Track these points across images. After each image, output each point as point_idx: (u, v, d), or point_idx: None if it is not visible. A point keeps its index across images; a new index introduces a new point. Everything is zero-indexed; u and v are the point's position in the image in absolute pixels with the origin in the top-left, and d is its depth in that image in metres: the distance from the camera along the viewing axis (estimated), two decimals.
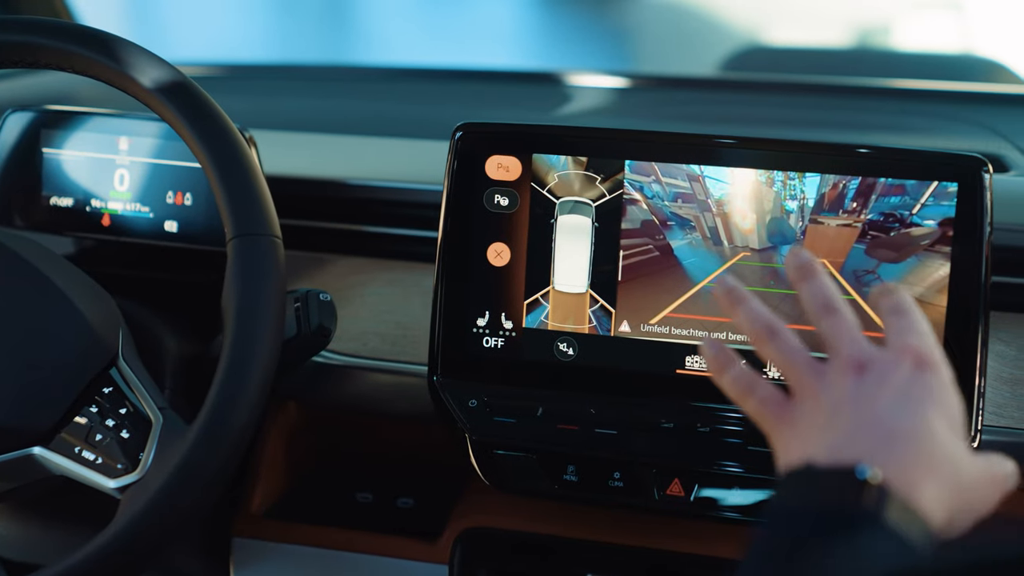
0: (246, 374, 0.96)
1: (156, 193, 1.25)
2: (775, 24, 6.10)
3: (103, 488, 1.00)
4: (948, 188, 1.02)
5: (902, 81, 1.91)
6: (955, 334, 1.02)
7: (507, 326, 1.11)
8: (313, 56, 6.42)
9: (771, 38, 6.05)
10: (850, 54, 2.55)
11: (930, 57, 2.62)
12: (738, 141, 1.06)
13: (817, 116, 1.73)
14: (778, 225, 1.05)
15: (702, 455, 1.07)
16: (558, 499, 1.13)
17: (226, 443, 0.95)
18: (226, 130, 1.01)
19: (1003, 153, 1.43)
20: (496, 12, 7.34)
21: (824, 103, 1.81)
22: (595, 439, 1.08)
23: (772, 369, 1.05)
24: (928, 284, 1.02)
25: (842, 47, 5.32)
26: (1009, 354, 1.12)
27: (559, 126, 1.11)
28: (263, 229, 1.00)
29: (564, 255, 1.09)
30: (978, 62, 2.20)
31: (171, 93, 1.02)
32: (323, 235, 1.33)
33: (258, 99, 1.82)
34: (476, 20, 7.12)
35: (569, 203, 1.09)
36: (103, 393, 1.02)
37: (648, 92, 1.98)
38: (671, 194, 1.07)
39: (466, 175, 1.10)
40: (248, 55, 5.96)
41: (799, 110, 1.77)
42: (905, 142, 1.51)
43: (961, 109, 1.73)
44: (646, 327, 1.08)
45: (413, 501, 1.31)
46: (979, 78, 2.02)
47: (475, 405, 1.11)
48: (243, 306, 0.97)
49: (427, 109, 1.77)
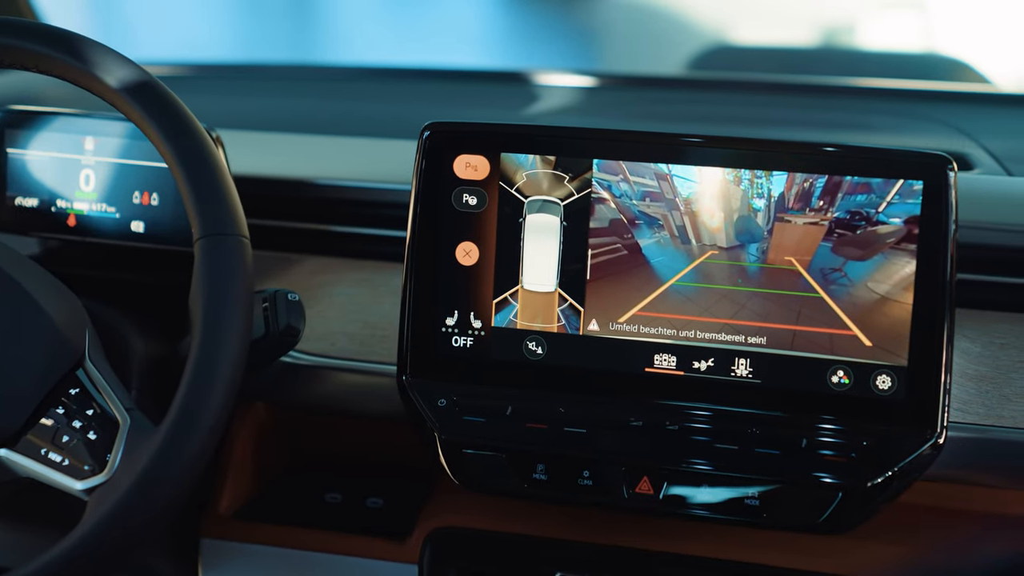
0: (214, 375, 0.95)
1: (122, 193, 1.24)
2: (741, 23, 6.13)
3: (70, 490, 0.99)
4: (914, 186, 1.02)
5: (867, 80, 1.93)
6: (921, 331, 1.02)
7: (476, 325, 1.11)
8: (280, 56, 6.40)
9: (737, 37, 6.07)
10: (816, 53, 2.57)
11: (895, 56, 2.63)
12: (706, 140, 1.07)
13: (783, 115, 1.74)
14: (746, 223, 1.06)
15: (671, 453, 1.07)
16: (528, 498, 1.12)
17: (194, 444, 0.94)
18: (193, 130, 1.01)
19: (967, 151, 1.45)
20: (463, 12, 7.34)
21: (790, 102, 1.82)
22: (564, 438, 1.09)
23: (740, 368, 1.06)
24: (894, 282, 1.03)
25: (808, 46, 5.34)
26: (974, 351, 1.13)
27: (527, 125, 1.11)
28: (231, 229, 0.99)
29: (533, 254, 1.09)
30: (942, 61, 2.21)
31: (137, 93, 1.01)
32: (291, 235, 1.33)
33: (225, 99, 1.81)
34: (443, 20, 7.11)
35: (537, 202, 1.09)
36: (70, 394, 1.02)
37: (615, 91, 1.99)
38: (639, 193, 1.07)
39: (434, 174, 1.10)
40: (214, 55, 5.93)
41: (765, 109, 1.78)
42: (871, 140, 1.52)
43: (926, 108, 1.74)
44: (615, 326, 1.08)
45: (382, 501, 1.31)
46: (943, 77, 2.03)
47: (444, 405, 1.11)
48: (211, 306, 0.96)
49: (395, 108, 1.77)
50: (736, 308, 1.06)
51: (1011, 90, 2.20)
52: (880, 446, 1.03)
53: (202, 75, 2.09)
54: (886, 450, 1.03)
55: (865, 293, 1.03)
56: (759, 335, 1.06)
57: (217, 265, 0.97)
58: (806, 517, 1.04)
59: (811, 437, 1.05)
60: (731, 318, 1.06)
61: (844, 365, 1.04)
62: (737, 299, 1.06)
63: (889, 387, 1.04)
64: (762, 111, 1.76)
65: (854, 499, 1.03)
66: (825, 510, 1.04)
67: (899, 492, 1.04)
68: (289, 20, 7.26)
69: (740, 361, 1.07)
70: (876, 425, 1.04)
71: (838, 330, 1.04)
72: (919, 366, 1.03)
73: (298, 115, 1.73)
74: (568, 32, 6.96)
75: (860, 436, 1.04)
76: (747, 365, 1.06)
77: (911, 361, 1.03)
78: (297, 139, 1.48)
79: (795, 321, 1.05)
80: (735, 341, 1.06)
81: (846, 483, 1.03)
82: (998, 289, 1.18)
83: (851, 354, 1.04)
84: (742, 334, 1.06)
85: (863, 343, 1.04)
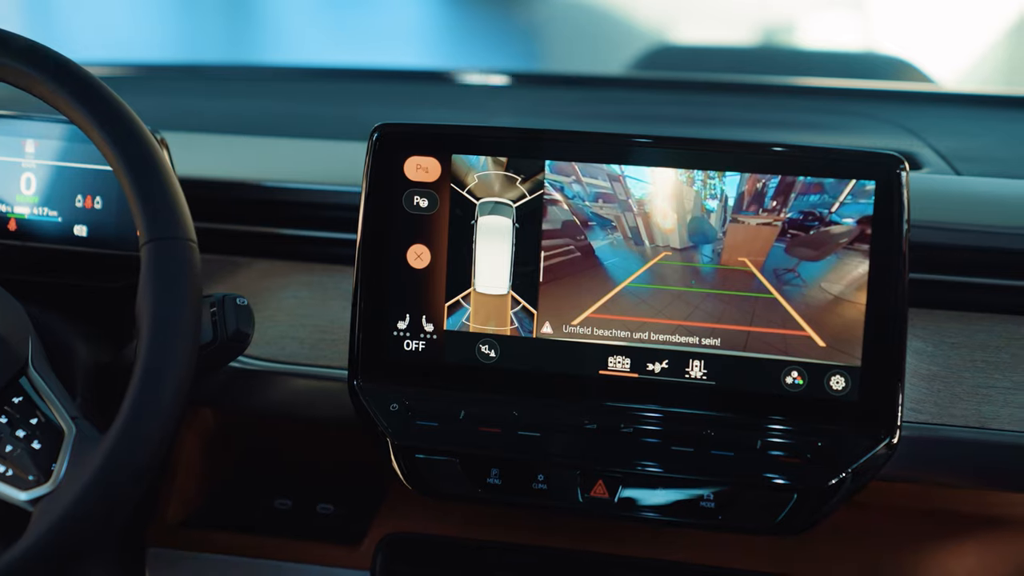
0: (161, 381, 0.93)
1: (65, 197, 1.22)
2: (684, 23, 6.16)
3: (13, 501, 0.97)
4: (866, 186, 1.02)
5: (815, 80, 1.94)
6: (874, 331, 1.03)
7: (428, 329, 1.10)
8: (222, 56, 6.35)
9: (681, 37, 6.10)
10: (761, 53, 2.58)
11: (840, 56, 2.65)
12: (658, 141, 1.06)
13: (732, 114, 1.74)
14: (699, 224, 1.05)
15: (625, 456, 1.06)
16: (481, 503, 1.12)
17: (142, 453, 0.92)
18: (137, 132, 0.99)
19: (916, 151, 1.46)
20: (408, 12, 7.32)
21: (739, 102, 1.82)
22: (518, 442, 1.08)
23: (694, 370, 1.06)
24: (847, 282, 1.03)
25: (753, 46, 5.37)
26: (927, 351, 1.14)
27: (478, 126, 1.10)
28: (177, 232, 0.97)
29: (485, 256, 1.08)
30: (887, 61, 2.23)
31: (79, 94, 0.99)
32: (239, 238, 1.31)
33: (170, 100, 1.79)
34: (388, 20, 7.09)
35: (489, 204, 1.08)
36: (12, 403, 1.00)
37: (560, 91, 1.98)
38: (592, 194, 1.07)
39: (384, 176, 1.09)
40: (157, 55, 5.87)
41: (713, 108, 1.78)
42: (819, 140, 1.53)
43: (873, 107, 1.75)
44: (568, 328, 1.08)
45: (333, 507, 1.30)
46: (888, 77, 2.05)
47: (396, 409, 1.09)
48: (157, 312, 0.95)
49: (343, 109, 1.76)
50: (690, 309, 1.06)
51: (955, 89, 2.22)
52: (834, 447, 1.03)
53: (145, 76, 2.06)
54: (841, 451, 1.03)
55: (818, 293, 1.03)
56: (713, 336, 1.06)
57: (164, 269, 0.96)
58: (762, 519, 1.04)
59: (765, 438, 1.05)
60: (685, 319, 1.06)
61: (798, 366, 1.04)
62: (691, 300, 1.06)
63: (843, 388, 1.04)
64: (710, 111, 1.77)
65: (809, 500, 1.03)
66: (780, 511, 1.03)
67: (854, 492, 1.04)
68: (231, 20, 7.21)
69: (694, 363, 1.06)
70: (830, 426, 1.04)
71: (792, 331, 1.04)
72: (872, 366, 1.03)
73: (245, 116, 1.71)
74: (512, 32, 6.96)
75: (814, 437, 1.04)
76: (701, 367, 1.06)
77: (864, 361, 1.03)
78: (245, 141, 1.46)
79: (749, 322, 1.05)
80: (689, 343, 1.06)
81: (801, 484, 1.03)
82: (949, 288, 1.19)
83: (805, 355, 1.04)
84: (696, 335, 1.06)
85: (817, 344, 1.04)
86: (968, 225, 1.19)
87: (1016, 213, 1.20)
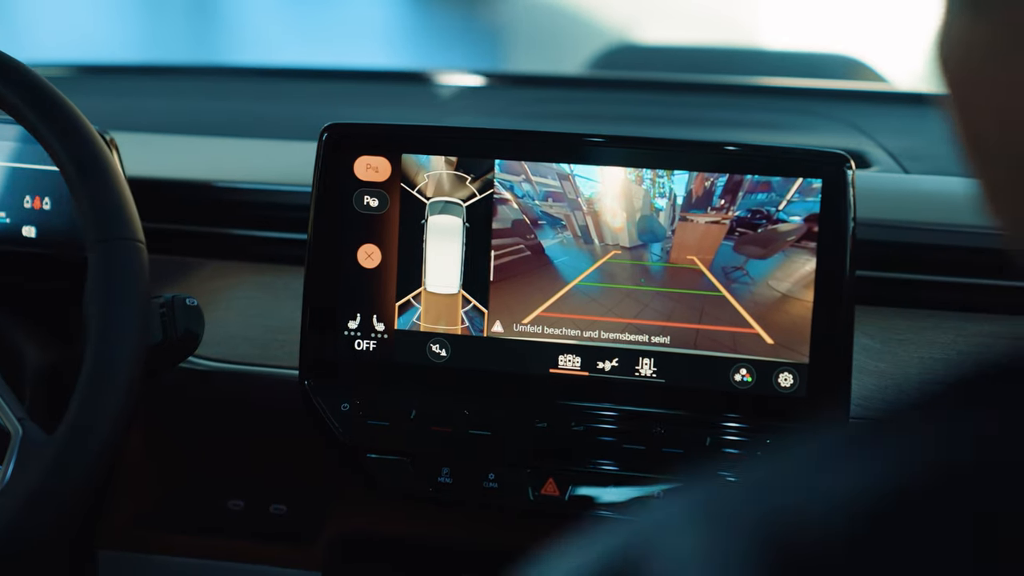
0: (109, 382, 0.93)
1: (12, 197, 1.21)
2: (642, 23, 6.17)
3: None
4: (813, 184, 1.03)
5: (767, 79, 1.95)
6: (822, 328, 1.03)
7: (379, 328, 1.09)
8: (178, 56, 6.31)
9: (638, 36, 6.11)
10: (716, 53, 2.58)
11: (794, 56, 2.66)
12: (607, 140, 1.07)
13: (685, 114, 1.75)
14: (648, 223, 1.06)
15: (576, 454, 1.07)
16: (433, 501, 1.12)
17: (89, 455, 0.92)
18: (84, 132, 0.98)
19: (865, 150, 1.47)
20: (366, 11, 7.31)
21: (692, 101, 1.83)
22: (469, 441, 1.08)
23: (644, 368, 1.06)
24: (795, 279, 1.03)
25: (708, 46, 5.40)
26: (874, 347, 1.14)
27: (428, 126, 1.10)
28: (126, 233, 0.97)
29: (435, 256, 1.08)
30: (840, 60, 2.24)
31: (26, 94, 0.98)
32: (188, 239, 1.30)
33: (118, 100, 1.77)
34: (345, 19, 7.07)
35: (439, 203, 1.08)
36: None
37: (518, 91, 1.99)
38: (541, 193, 1.07)
39: (334, 176, 1.09)
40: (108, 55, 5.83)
41: (667, 108, 1.79)
42: (772, 139, 1.54)
43: (825, 106, 1.76)
44: (519, 327, 1.08)
45: (286, 507, 1.29)
46: (842, 76, 2.06)
47: (347, 409, 1.09)
48: (105, 312, 0.94)
49: (295, 109, 1.75)
50: (639, 308, 1.06)
51: (906, 88, 2.24)
52: (783, 443, 1.04)
53: (94, 76, 2.05)
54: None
55: (766, 291, 1.04)
56: (662, 334, 1.06)
57: (112, 270, 0.95)
58: None
59: (715, 436, 1.05)
60: (634, 318, 1.06)
61: (747, 363, 1.05)
62: (640, 298, 1.06)
63: (791, 385, 1.04)
64: (664, 110, 1.77)
65: None
66: None
67: None
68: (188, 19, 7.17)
69: (644, 361, 1.07)
70: (779, 422, 1.05)
71: (740, 328, 1.05)
72: (820, 363, 1.04)
73: (194, 116, 1.70)
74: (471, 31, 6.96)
75: (763, 434, 1.04)
76: (651, 365, 1.06)
77: (812, 358, 1.04)
78: (193, 141, 1.45)
79: (698, 320, 1.05)
80: (639, 341, 1.06)
81: None
82: (897, 286, 1.20)
83: (754, 352, 1.05)
84: (646, 334, 1.06)
85: (765, 341, 1.04)
86: (915, 223, 1.20)
87: (963, 211, 1.21)
